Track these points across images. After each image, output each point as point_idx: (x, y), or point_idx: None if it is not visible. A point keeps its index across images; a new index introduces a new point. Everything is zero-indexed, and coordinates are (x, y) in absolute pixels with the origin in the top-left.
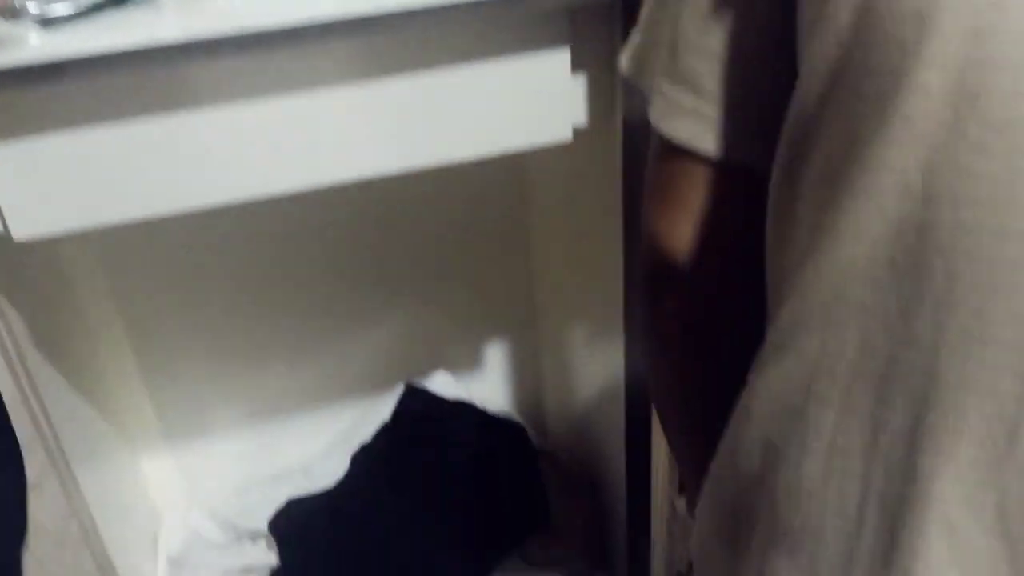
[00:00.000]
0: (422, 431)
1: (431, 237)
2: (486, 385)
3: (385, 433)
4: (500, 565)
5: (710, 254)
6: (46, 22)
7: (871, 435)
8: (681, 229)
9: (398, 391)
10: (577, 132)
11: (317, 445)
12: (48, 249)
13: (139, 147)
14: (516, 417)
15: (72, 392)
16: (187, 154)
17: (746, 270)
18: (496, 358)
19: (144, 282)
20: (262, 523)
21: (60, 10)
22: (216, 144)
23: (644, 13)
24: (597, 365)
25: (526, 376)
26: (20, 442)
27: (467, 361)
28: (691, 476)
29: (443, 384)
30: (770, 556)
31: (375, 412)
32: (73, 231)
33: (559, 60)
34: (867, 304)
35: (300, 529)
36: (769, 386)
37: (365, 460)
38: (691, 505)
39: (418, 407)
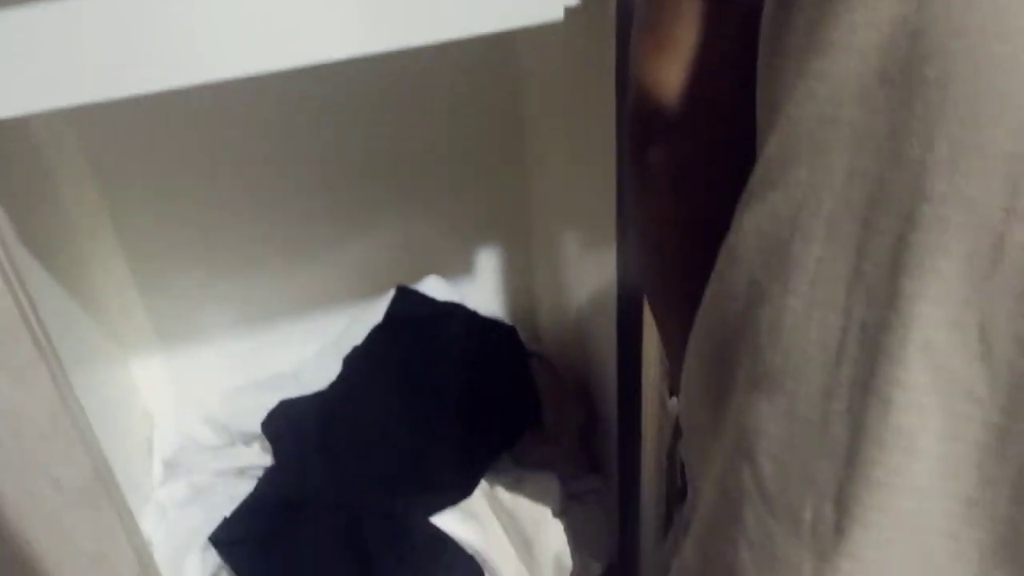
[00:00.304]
0: (414, 331)
1: (423, 141)
2: (479, 291)
3: (377, 334)
4: (492, 466)
5: (699, 95)
6: None
7: (855, 263)
8: (670, 69)
9: (390, 296)
10: (569, 13)
11: (309, 350)
12: (31, 145)
13: (117, 18)
14: (508, 321)
15: (60, 289)
16: (166, 27)
17: (737, 116)
18: (489, 263)
19: (134, 189)
20: (255, 426)
21: None
22: (196, 16)
23: None
24: (590, 270)
25: (519, 282)
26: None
27: (460, 267)
28: (677, 355)
29: (435, 288)
30: (751, 400)
31: (367, 318)
32: (52, 108)
33: None
34: (857, 124)
35: (293, 429)
36: (755, 223)
37: (357, 361)
38: (677, 387)
39: (410, 308)
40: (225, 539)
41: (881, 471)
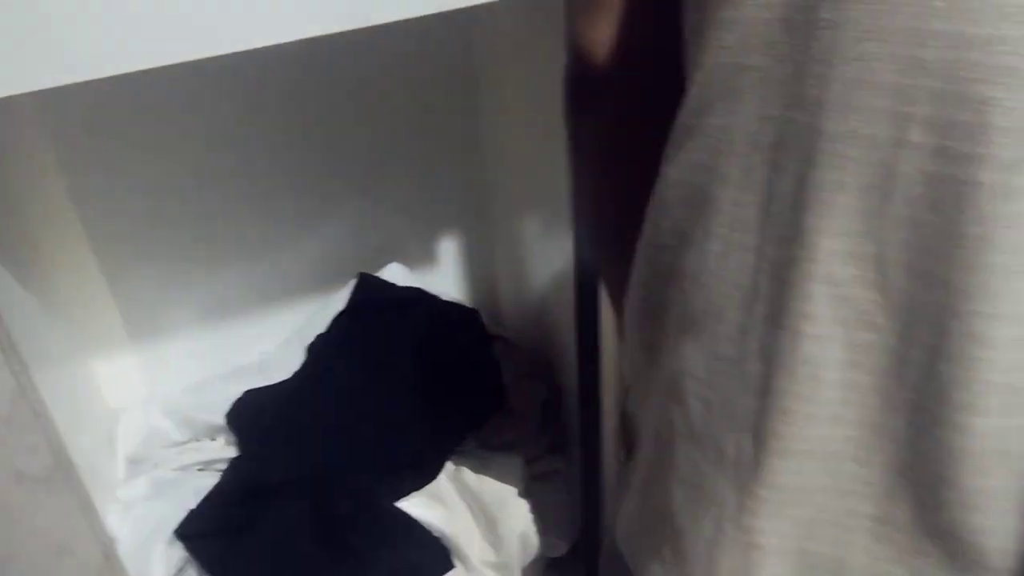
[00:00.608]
0: (377, 317)
1: (381, 131)
2: (441, 277)
3: (340, 321)
4: (458, 449)
5: (633, 55)
6: None
7: (765, 204)
8: (604, 30)
9: (352, 286)
10: None
11: (272, 342)
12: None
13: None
14: (471, 306)
15: (22, 285)
16: (113, 11)
17: (671, 74)
18: (450, 250)
19: (101, 186)
20: (219, 419)
21: None
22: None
23: None
24: (549, 253)
25: (480, 267)
26: None
27: (421, 254)
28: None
29: (397, 275)
30: (679, 344)
31: (330, 308)
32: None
33: None
34: (764, 70)
35: (257, 418)
36: (678, 172)
37: (321, 349)
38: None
39: (372, 294)
40: (190, 532)
41: (792, 401)
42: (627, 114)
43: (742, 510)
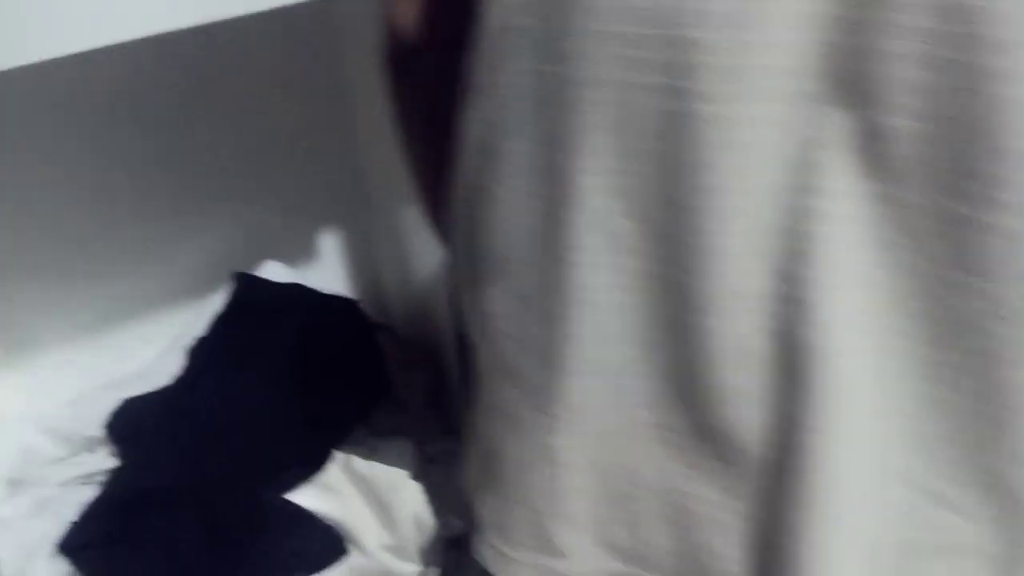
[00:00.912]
0: (255, 315)
1: (250, 128)
2: (322, 272)
3: (219, 322)
4: (347, 439)
5: (440, 28)
6: None
7: (541, 152)
8: (408, 7)
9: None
10: None
11: (153, 350)
12: None
13: None
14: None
15: None
16: None
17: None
18: (330, 244)
19: None
20: (99, 432)
21: None
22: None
23: None
24: (431, 241)
25: (362, 259)
26: None
27: (301, 250)
28: None
29: (275, 273)
30: (487, 289)
31: (210, 310)
32: None
33: None
34: (527, 30)
35: (137, 426)
36: (472, 129)
37: (201, 351)
38: None
39: (250, 293)
40: (72, 545)
41: (571, 326)
42: (439, 86)
43: (543, 430)
